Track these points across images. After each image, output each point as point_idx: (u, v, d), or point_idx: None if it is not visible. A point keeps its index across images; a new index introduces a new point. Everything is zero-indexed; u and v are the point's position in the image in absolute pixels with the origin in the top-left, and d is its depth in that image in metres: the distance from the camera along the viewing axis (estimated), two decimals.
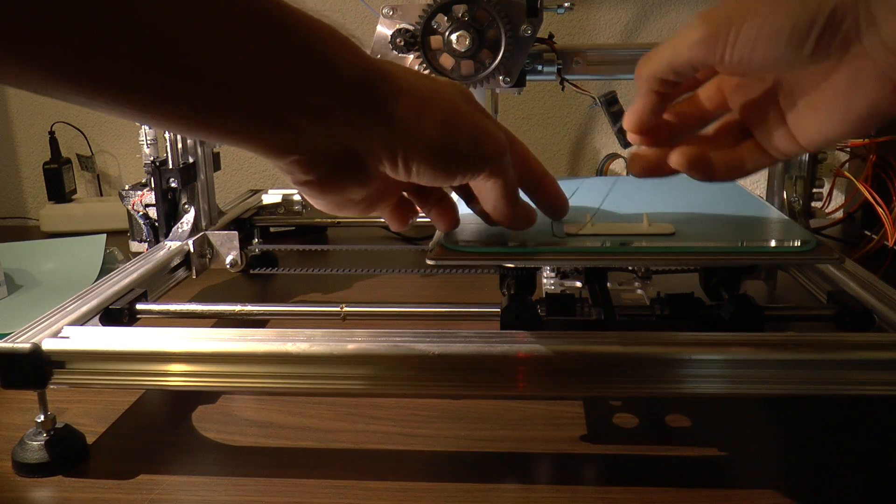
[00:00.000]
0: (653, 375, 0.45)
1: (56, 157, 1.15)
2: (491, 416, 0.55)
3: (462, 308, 0.57)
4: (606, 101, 0.71)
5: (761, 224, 0.52)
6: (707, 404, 0.56)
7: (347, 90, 0.33)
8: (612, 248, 0.47)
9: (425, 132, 0.35)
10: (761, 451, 0.51)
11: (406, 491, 0.46)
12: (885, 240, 0.85)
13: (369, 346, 0.46)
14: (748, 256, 0.46)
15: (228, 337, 0.48)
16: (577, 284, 0.59)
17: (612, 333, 0.47)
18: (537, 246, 0.46)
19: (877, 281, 0.56)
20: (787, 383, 0.44)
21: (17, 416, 0.56)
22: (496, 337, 0.47)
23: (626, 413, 0.55)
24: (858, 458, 0.50)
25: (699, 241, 0.47)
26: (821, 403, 0.56)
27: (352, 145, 0.35)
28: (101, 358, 0.48)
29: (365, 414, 0.56)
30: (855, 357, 0.44)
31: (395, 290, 0.83)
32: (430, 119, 0.35)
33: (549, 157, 1.19)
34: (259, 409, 0.57)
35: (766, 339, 0.45)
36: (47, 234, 1.10)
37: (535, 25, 0.62)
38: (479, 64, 0.61)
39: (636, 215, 0.52)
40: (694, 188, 0.65)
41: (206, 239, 0.75)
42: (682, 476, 0.48)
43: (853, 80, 0.33)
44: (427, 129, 0.35)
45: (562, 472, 0.49)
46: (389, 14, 0.63)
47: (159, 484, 0.48)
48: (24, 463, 0.49)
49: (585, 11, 1.14)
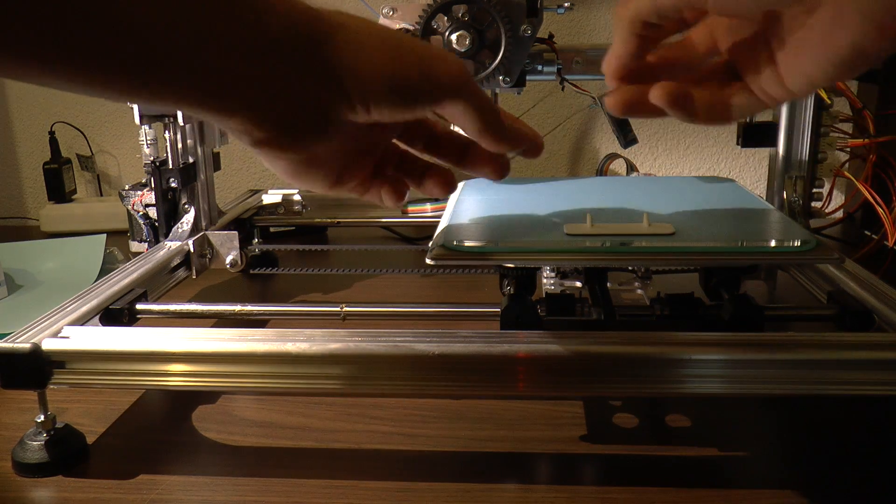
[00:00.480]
0: (653, 375, 0.45)
1: (56, 157, 1.15)
2: (491, 416, 0.55)
3: (462, 308, 0.57)
4: None
5: (761, 224, 0.52)
6: (707, 404, 0.56)
7: (281, 40, 0.32)
8: (612, 248, 0.47)
9: (373, 67, 0.34)
10: (761, 451, 0.51)
11: (406, 491, 0.46)
12: (885, 240, 0.85)
13: (369, 346, 0.46)
14: (748, 256, 0.46)
15: (228, 337, 0.48)
16: (577, 284, 0.59)
17: (612, 333, 0.47)
18: (537, 246, 0.46)
19: (877, 281, 0.56)
20: (787, 383, 0.44)
21: (17, 416, 0.56)
22: (496, 337, 0.47)
23: (626, 413, 0.55)
24: (858, 458, 0.50)
25: (699, 241, 0.47)
26: (821, 403, 0.56)
27: (300, 94, 0.34)
28: (101, 358, 0.48)
29: (365, 414, 0.56)
30: (855, 357, 0.44)
31: (395, 290, 0.83)
32: (374, 53, 0.34)
33: (549, 157, 1.19)
34: (259, 409, 0.57)
35: (766, 339, 0.45)
36: (47, 234, 1.10)
37: (535, 25, 0.62)
38: (479, 64, 0.61)
39: (636, 215, 0.52)
40: (694, 188, 0.64)
41: (206, 239, 0.75)
42: (682, 476, 0.48)
43: (836, 17, 0.33)
44: (374, 64, 0.34)
45: (561, 472, 0.49)
46: (389, 14, 0.63)
47: (159, 484, 0.48)
48: (24, 463, 0.49)
49: (585, 11, 1.14)
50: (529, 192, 0.63)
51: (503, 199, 0.60)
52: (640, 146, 1.18)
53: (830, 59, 0.34)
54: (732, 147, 1.18)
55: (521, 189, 0.64)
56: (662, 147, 1.19)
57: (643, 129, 1.17)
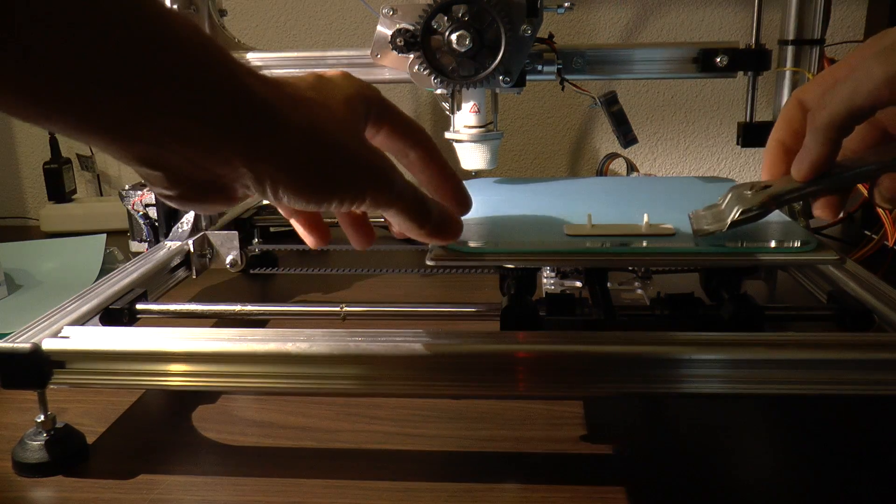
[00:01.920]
0: (653, 375, 0.45)
1: (56, 157, 1.15)
2: (491, 416, 0.55)
3: (462, 308, 0.57)
4: (606, 101, 0.71)
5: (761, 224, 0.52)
6: (707, 404, 0.56)
7: (216, 117, 0.30)
8: (612, 248, 0.47)
9: (295, 164, 0.33)
10: (761, 450, 0.51)
11: (406, 491, 0.46)
12: (885, 240, 0.84)
13: (369, 346, 0.46)
14: (748, 257, 0.46)
15: (228, 337, 0.48)
16: (577, 284, 0.59)
17: (612, 333, 0.47)
18: (538, 246, 0.46)
19: (877, 281, 0.56)
20: (787, 383, 0.44)
21: (17, 416, 0.56)
22: (496, 337, 0.47)
23: (626, 413, 0.55)
24: (858, 458, 0.50)
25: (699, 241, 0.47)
26: (820, 403, 0.56)
27: (216, 171, 0.32)
28: (101, 358, 0.48)
29: (365, 414, 0.56)
30: (855, 357, 0.44)
31: (395, 290, 0.83)
32: (303, 151, 0.33)
33: (549, 157, 1.19)
34: (259, 409, 0.57)
35: (766, 339, 0.45)
36: (47, 234, 1.10)
37: (535, 25, 0.62)
38: (479, 64, 0.61)
39: (636, 216, 0.52)
40: (694, 189, 0.65)
41: (206, 239, 0.75)
42: (682, 476, 0.48)
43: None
44: (298, 161, 0.33)
45: (562, 472, 0.49)
46: (389, 14, 0.63)
47: (159, 484, 0.48)
48: (24, 463, 0.49)
49: (585, 11, 1.14)
50: (529, 193, 0.63)
51: (503, 199, 0.60)
52: (640, 146, 1.18)
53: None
54: (732, 147, 1.18)
55: (520, 189, 0.64)
56: (662, 147, 1.19)
57: (643, 129, 1.17)
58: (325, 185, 0.34)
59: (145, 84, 0.27)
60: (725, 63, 0.69)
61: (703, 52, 0.70)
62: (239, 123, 0.31)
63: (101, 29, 0.26)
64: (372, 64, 0.67)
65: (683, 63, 0.71)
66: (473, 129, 0.66)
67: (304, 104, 0.34)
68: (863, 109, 0.36)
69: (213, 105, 0.30)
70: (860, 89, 0.36)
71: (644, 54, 0.71)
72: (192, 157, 0.31)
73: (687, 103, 1.17)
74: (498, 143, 0.67)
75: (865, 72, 0.36)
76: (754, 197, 0.43)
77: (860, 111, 0.36)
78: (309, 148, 0.33)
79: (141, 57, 0.27)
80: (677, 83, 1.16)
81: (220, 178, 0.32)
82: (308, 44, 1.18)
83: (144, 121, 0.28)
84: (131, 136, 0.29)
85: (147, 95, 0.28)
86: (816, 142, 0.38)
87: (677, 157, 1.20)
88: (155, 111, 0.28)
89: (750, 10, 0.71)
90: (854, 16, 1.12)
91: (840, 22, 1.12)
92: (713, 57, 0.69)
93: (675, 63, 0.71)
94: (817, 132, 0.38)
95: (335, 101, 0.36)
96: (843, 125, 0.37)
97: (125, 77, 0.27)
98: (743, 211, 0.43)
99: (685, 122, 1.18)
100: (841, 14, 1.11)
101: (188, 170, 0.32)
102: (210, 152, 0.31)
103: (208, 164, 0.31)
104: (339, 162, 0.35)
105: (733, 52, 0.69)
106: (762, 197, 0.42)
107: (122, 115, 0.28)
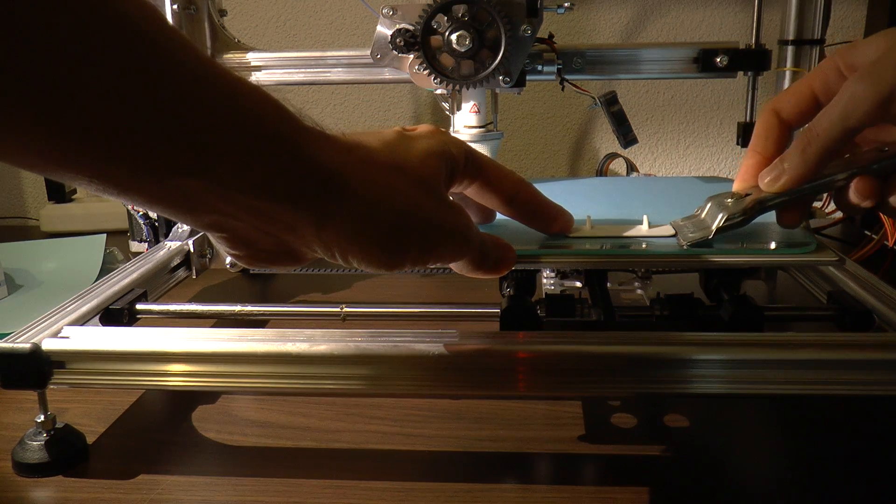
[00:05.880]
0: (653, 375, 0.45)
1: None
2: (491, 416, 0.55)
3: (462, 308, 0.57)
4: (606, 101, 0.71)
5: (761, 225, 0.52)
6: (707, 404, 0.56)
7: (285, 191, 0.29)
8: (612, 250, 0.47)
9: (364, 233, 0.32)
10: (761, 450, 0.51)
11: (406, 491, 0.46)
12: (885, 240, 0.85)
13: (369, 346, 0.46)
14: (748, 258, 0.46)
15: (228, 337, 0.48)
16: (577, 285, 0.59)
17: (612, 333, 0.47)
18: (538, 247, 0.46)
19: (877, 281, 0.56)
20: (787, 383, 0.44)
21: (17, 416, 0.56)
22: (496, 337, 0.47)
23: (626, 413, 0.55)
24: (858, 458, 0.50)
25: None
26: (821, 403, 0.56)
27: (283, 238, 0.32)
28: (101, 358, 0.48)
29: (365, 414, 0.56)
30: (855, 357, 0.44)
31: (395, 290, 0.83)
32: (372, 219, 0.32)
33: (549, 157, 1.19)
34: (259, 409, 0.57)
35: (766, 339, 0.45)
36: (47, 234, 1.10)
37: (535, 25, 0.62)
38: (479, 64, 0.61)
39: (636, 216, 0.52)
40: (694, 189, 0.65)
41: (206, 239, 0.75)
42: (682, 476, 0.48)
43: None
44: (367, 231, 0.32)
45: (562, 472, 0.49)
46: (389, 14, 0.63)
47: (159, 484, 0.48)
48: (24, 463, 0.49)
49: (585, 11, 1.14)
50: None
51: None
52: (640, 146, 1.18)
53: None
54: (732, 147, 1.18)
55: None
56: (662, 147, 1.19)
57: (643, 129, 1.17)
58: (395, 253, 0.34)
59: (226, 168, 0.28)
60: (725, 63, 0.69)
61: (703, 52, 0.70)
62: (307, 196, 0.30)
63: (203, 125, 0.26)
64: (372, 64, 0.67)
65: (683, 63, 0.71)
66: (473, 129, 0.66)
67: (377, 169, 0.33)
68: (855, 131, 0.37)
69: (284, 180, 0.29)
70: (852, 114, 0.36)
71: (644, 54, 0.71)
72: (259, 225, 0.31)
73: (687, 103, 1.17)
74: (498, 143, 0.67)
75: (854, 93, 0.36)
76: (737, 204, 0.43)
77: (853, 132, 0.37)
78: (379, 216, 0.33)
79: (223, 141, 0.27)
80: (677, 83, 1.16)
81: (288, 243, 0.32)
82: (308, 44, 1.18)
83: (221, 200, 0.29)
84: (205, 209, 0.29)
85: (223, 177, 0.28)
86: (806, 162, 0.39)
87: (677, 157, 1.20)
88: (234, 189, 0.28)
89: (750, 10, 0.71)
90: (854, 16, 1.12)
91: (840, 22, 1.12)
92: (713, 57, 0.69)
93: (675, 63, 0.71)
94: (810, 156, 0.39)
95: (412, 161, 0.35)
96: (837, 149, 0.38)
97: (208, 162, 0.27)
98: (728, 217, 0.43)
99: (685, 122, 1.18)
100: (841, 14, 1.11)
101: (256, 236, 0.32)
102: (278, 222, 0.31)
103: (276, 231, 0.31)
104: (411, 229, 0.34)
105: (733, 52, 0.69)
106: (746, 203, 0.43)
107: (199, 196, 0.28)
